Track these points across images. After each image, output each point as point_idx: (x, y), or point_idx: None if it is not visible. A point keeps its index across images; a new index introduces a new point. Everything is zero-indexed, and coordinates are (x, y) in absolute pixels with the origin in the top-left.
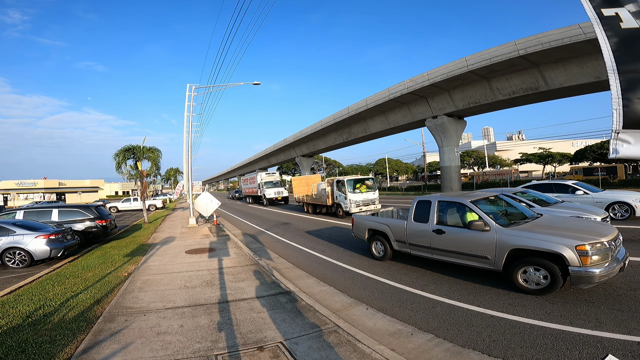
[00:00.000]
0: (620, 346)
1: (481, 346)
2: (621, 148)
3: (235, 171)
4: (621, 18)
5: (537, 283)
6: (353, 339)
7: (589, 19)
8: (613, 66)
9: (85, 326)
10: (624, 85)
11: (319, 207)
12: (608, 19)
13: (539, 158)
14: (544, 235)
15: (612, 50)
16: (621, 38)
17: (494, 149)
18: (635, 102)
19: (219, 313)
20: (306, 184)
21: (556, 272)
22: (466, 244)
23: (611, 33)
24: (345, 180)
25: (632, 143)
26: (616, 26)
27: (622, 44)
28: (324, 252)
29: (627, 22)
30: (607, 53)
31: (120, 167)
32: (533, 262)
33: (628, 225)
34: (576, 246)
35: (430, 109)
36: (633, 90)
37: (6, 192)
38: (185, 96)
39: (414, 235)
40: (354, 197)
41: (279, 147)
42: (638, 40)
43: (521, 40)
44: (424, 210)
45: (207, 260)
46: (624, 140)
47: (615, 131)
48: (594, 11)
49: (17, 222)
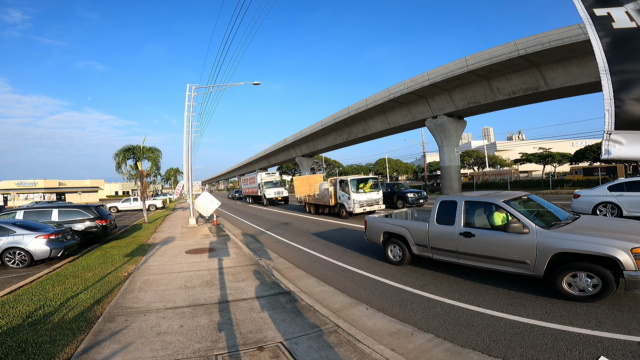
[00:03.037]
0: (620, 346)
1: (481, 346)
2: (613, 149)
3: (235, 171)
4: (613, 18)
5: (583, 290)
6: (353, 339)
7: (581, 19)
8: (605, 67)
9: (85, 326)
10: (616, 85)
11: (321, 207)
12: (600, 19)
13: (539, 158)
14: (592, 237)
15: (604, 50)
16: (613, 38)
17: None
18: (627, 102)
19: (219, 313)
20: (308, 183)
21: (608, 277)
22: (500, 247)
23: (603, 33)
24: (348, 179)
25: (625, 144)
26: (608, 26)
27: (614, 44)
28: (324, 252)
29: (619, 22)
30: (599, 53)
31: (120, 167)
32: (582, 267)
33: None
34: (632, 249)
35: (430, 109)
36: (625, 91)
37: (6, 192)
38: (185, 96)
39: (437, 239)
40: (358, 197)
41: (279, 147)
42: (630, 40)
43: (521, 40)
44: (449, 211)
45: (207, 260)
46: (616, 141)
47: (608, 132)
48: (586, 11)
49: (17, 222)
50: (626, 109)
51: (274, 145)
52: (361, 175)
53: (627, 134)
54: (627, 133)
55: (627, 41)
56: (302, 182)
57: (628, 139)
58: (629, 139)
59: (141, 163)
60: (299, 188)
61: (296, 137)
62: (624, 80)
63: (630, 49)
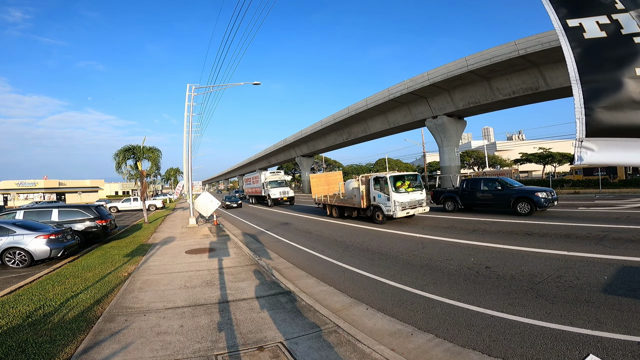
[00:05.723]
0: (620, 346)
1: (481, 346)
2: (585, 155)
3: (235, 171)
4: (585, 29)
5: None
6: (353, 339)
7: (555, 29)
8: (576, 76)
9: (85, 326)
10: (586, 95)
11: (347, 209)
12: (572, 29)
13: (539, 158)
14: None
15: (575, 60)
16: (584, 48)
17: (494, 149)
18: (596, 111)
19: (219, 313)
20: (326, 182)
21: None
22: None
23: (575, 44)
24: (387, 176)
25: (596, 150)
26: (580, 37)
27: (585, 54)
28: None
29: (590, 32)
30: (570, 63)
31: (120, 167)
32: None
33: (621, 225)
34: None
35: (430, 109)
36: (595, 100)
37: (6, 192)
38: (185, 96)
39: None
40: (400, 197)
41: (279, 147)
42: (599, 50)
43: (521, 41)
44: None
45: (207, 260)
46: (587, 148)
47: (579, 139)
48: (560, 22)
49: (17, 222)
50: (596, 117)
51: (274, 145)
52: (400, 172)
53: (598, 141)
54: (598, 140)
55: (596, 51)
56: (320, 181)
57: (599, 145)
58: (599, 145)
59: (141, 163)
60: (317, 187)
61: (296, 137)
62: (594, 89)
63: (600, 59)
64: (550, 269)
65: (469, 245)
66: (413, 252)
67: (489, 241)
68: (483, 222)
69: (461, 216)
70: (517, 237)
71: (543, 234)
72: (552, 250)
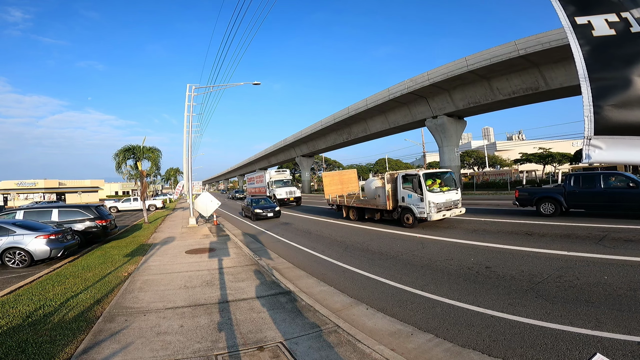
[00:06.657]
0: (620, 346)
1: (481, 346)
2: (593, 154)
3: (235, 171)
4: (593, 26)
5: None
6: (353, 339)
7: (563, 27)
8: (585, 74)
9: (85, 326)
10: (594, 92)
11: (369, 211)
12: (581, 27)
13: (539, 158)
14: None
15: (584, 58)
16: (593, 46)
17: (494, 149)
18: (605, 109)
19: (219, 313)
20: (340, 181)
21: None
22: None
23: (583, 41)
24: (420, 174)
25: (604, 149)
26: (588, 34)
27: (593, 52)
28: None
29: (598, 30)
30: (579, 61)
31: (120, 167)
32: None
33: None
34: None
35: (430, 109)
36: (603, 98)
37: (6, 192)
38: (185, 96)
39: None
40: (435, 197)
41: (279, 147)
42: (608, 48)
43: (521, 40)
44: None
45: (207, 260)
46: (596, 146)
47: (588, 137)
48: (568, 20)
49: (17, 222)
50: (604, 115)
51: (274, 145)
52: (432, 169)
53: (606, 139)
54: (606, 138)
55: (605, 49)
56: (334, 180)
57: (607, 143)
58: (608, 143)
59: (141, 163)
60: (330, 187)
61: (296, 137)
62: (602, 87)
63: (608, 57)
64: (550, 269)
65: (469, 245)
66: (413, 252)
67: (489, 241)
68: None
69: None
70: (517, 237)
71: (543, 233)
72: (552, 250)
